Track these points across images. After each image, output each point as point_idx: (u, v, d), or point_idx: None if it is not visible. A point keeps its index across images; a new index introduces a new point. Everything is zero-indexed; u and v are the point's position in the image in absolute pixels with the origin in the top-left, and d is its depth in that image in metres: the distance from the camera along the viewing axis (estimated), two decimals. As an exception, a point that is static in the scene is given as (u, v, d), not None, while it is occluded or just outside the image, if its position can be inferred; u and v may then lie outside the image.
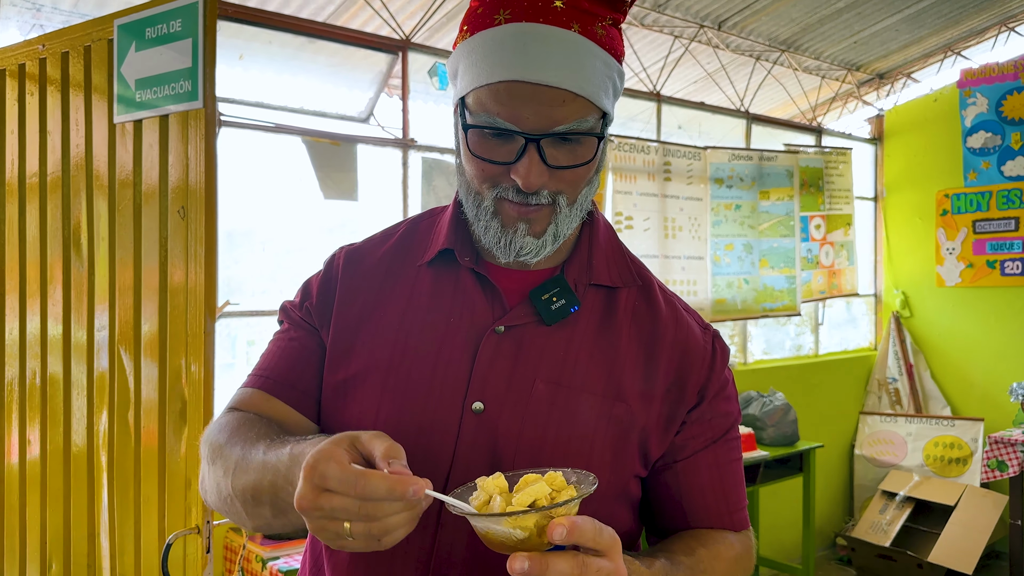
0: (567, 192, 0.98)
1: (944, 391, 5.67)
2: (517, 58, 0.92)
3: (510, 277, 1.06)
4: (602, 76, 0.96)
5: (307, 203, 3.99)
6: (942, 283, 5.59)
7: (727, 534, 1.07)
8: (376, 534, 0.74)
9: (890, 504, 5.18)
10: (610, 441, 0.99)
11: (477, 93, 0.95)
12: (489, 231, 1.00)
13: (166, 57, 2.12)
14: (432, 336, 1.02)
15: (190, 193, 2.08)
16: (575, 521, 0.73)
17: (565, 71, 0.92)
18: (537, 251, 1.00)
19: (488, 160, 0.96)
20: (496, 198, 0.98)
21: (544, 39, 0.93)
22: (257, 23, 3.27)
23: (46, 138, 2.43)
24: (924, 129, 5.75)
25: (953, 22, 5.23)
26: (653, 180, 4.40)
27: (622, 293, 1.07)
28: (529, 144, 0.93)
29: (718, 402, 1.07)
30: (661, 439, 1.03)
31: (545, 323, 1.02)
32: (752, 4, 4.55)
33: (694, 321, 1.11)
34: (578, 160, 0.96)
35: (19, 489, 2.47)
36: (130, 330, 2.21)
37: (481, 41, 0.96)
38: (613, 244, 1.12)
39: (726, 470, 1.08)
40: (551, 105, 0.92)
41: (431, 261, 1.07)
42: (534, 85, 0.92)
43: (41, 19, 3.23)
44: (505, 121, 0.93)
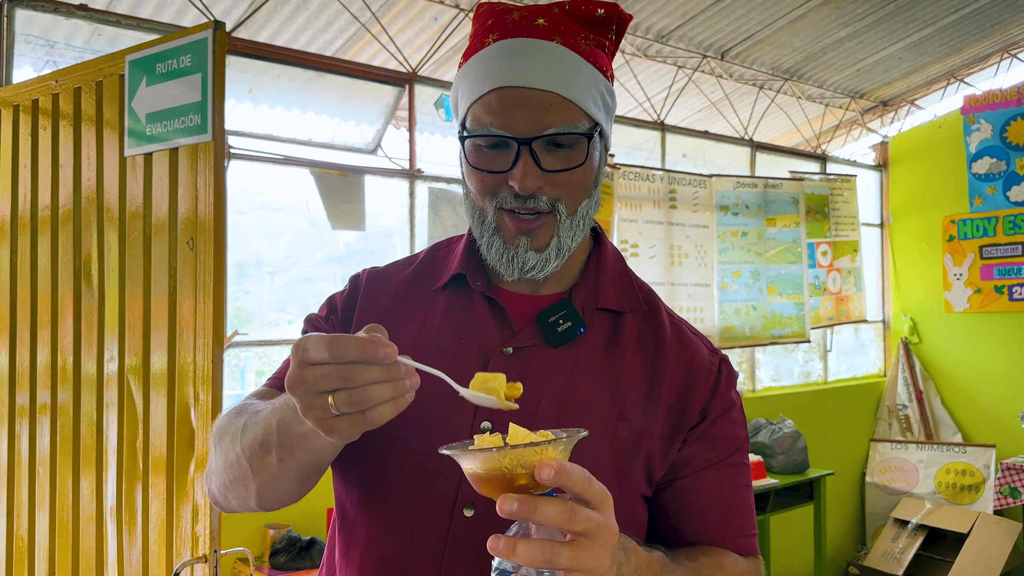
0: (565, 200, 1.00)
1: (955, 417, 5.64)
2: (503, 68, 0.98)
3: (520, 301, 1.08)
4: (588, 85, 1.00)
5: (315, 234, 4.03)
6: (950, 309, 5.57)
7: (734, 555, 1.06)
8: (359, 403, 0.75)
9: (902, 532, 5.13)
10: (614, 461, 1.00)
11: (472, 110, 1.00)
12: (492, 248, 1.03)
13: (176, 91, 2.16)
14: (442, 357, 1.04)
15: (199, 225, 2.11)
16: (563, 463, 0.72)
17: (549, 76, 0.97)
18: (541, 266, 1.02)
19: (485, 170, 1.00)
20: (497, 210, 1.01)
21: (528, 49, 0.99)
22: (267, 58, 3.33)
23: (58, 171, 2.47)
24: (929, 155, 5.77)
25: (956, 49, 5.27)
26: (658, 208, 4.42)
27: (628, 318, 1.08)
28: (521, 148, 0.97)
29: (721, 424, 1.07)
30: (663, 458, 1.03)
31: (552, 345, 1.03)
32: (755, 34, 4.61)
33: (702, 343, 1.12)
34: (571, 164, 0.99)
35: (28, 516, 2.48)
36: (139, 360, 2.23)
37: (473, 63, 1.02)
38: (621, 270, 1.14)
39: (730, 493, 1.07)
40: (539, 109, 0.97)
41: (445, 286, 1.10)
42: (520, 89, 0.97)
43: (55, 55, 3.30)
44: (497, 128, 0.97)
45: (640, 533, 1.08)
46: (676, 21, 4.34)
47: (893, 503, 5.38)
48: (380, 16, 3.65)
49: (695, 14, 4.27)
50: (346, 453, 1.00)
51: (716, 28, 4.48)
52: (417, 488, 1.00)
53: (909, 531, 5.08)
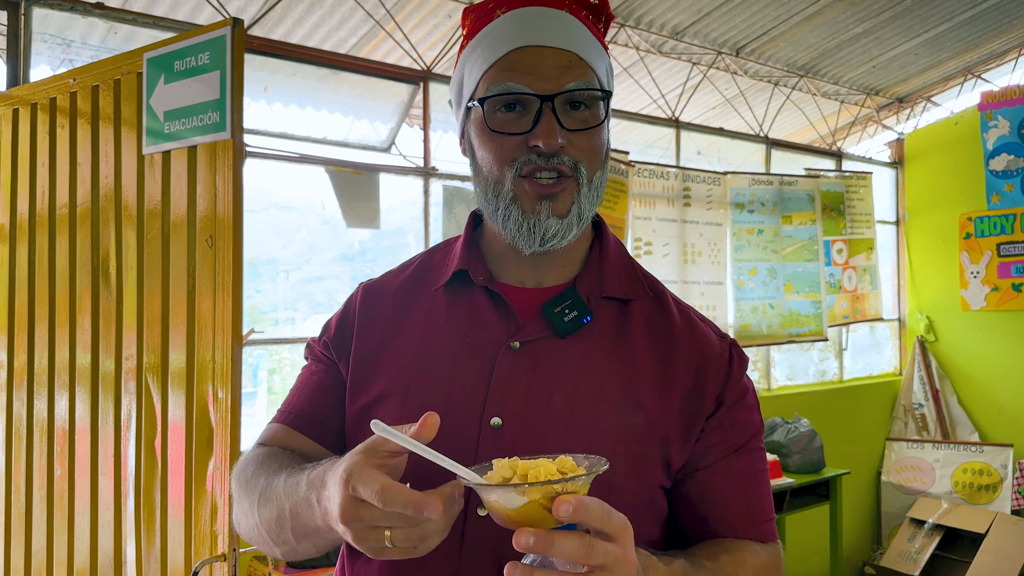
0: (585, 163, 1.00)
1: (971, 416, 5.59)
2: (520, 31, 0.99)
3: (523, 294, 1.06)
4: (596, 53, 1.01)
5: (329, 232, 4.03)
6: (967, 307, 5.53)
7: (753, 544, 1.05)
8: (414, 540, 0.78)
9: (919, 532, 5.09)
10: (631, 451, 0.98)
11: (487, 75, 0.99)
12: (510, 219, 1.00)
13: (194, 89, 2.16)
14: (449, 356, 1.03)
15: (218, 222, 2.10)
16: (581, 499, 0.72)
17: (565, 36, 0.99)
18: (563, 233, 1.00)
19: (506, 133, 0.98)
20: (516, 176, 0.99)
21: (541, 14, 1.00)
22: (282, 56, 3.32)
23: (76, 170, 2.47)
24: (945, 152, 5.72)
25: (972, 45, 5.23)
26: (672, 205, 4.40)
27: (635, 305, 1.07)
28: (544, 105, 0.96)
29: (738, 410, 1.06)
30: (682, 447, 1.02)
31: (559, 336, 1.02)
32: (770, 31, 4.58)
33: (710, 330, 1.10)
34: (588, 124, 0.99)
35: (47, 515, 2.49)
36: (157, 358, 2.23)
37: (483, 35, 1.01)
38: (624, 258, 1.13)
39: (750, 480, 1.06)
40: (559, 66, 0.97)
41: (446, 284, 1.08)
42: (540, 48, 0.97)
43: (71, 54, 3.31)
44: (517, 84, 0.97)
45: (660, 524, 1.06)
46: (691, 17, 4.32)
47: (909, 503, 5.35)
48: (394, 13, 3.64)
49: (710, 10, 4.25)
50: None
51: (731, 24, 4.45)
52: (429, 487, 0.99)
53: (926, 531, 5.05)
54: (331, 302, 4.09)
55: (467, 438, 0.98)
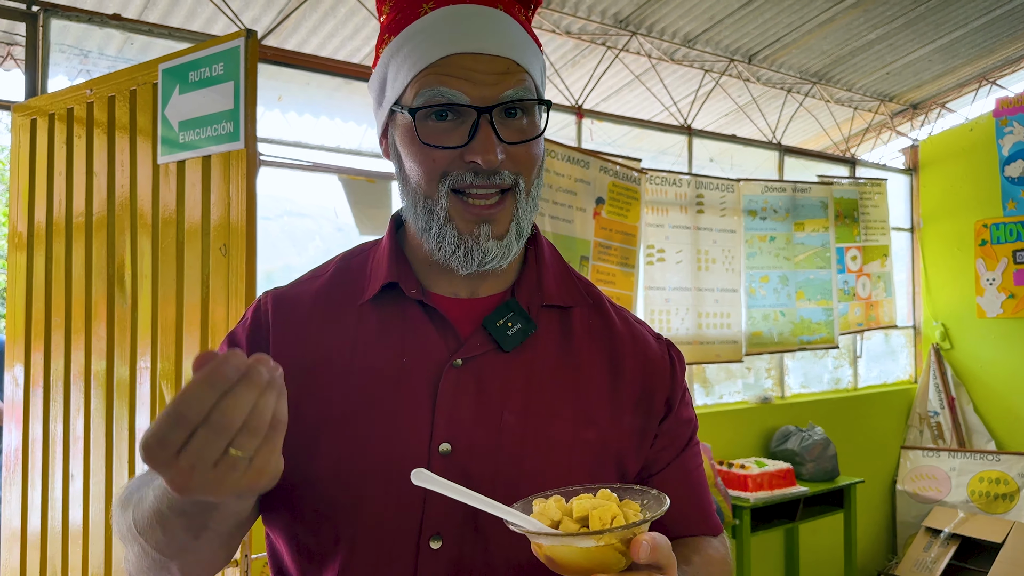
0: (524, 175, 0.94)
1: (988, 425, 5.54)
2: (453, 34, 0.90)
3: (460, 307, 0.99)
4: (532, 55, 0.95)
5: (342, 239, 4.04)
6: (983, 314, 5.48)
7: (710, 539, 1.05)
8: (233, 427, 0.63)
9: (935, 541, 5.05)
10: (586, 466, 0.95)
11: (416, 81, 0.91)
12: (445, 240, 0.93)
13: (208, 99, 2.18)
14: (386, 379, 0.94)
15: (232, 231, 2.12)
16: (656, 540, 0.72)
17: (501, 41, 0.91)
18: (502, 255, 0.94)
19: (440, 147, 0.91)
20: (450, 192, 0.92)
21: (475, 15, 0.92)
22: (296, 65, 3.35)
23: (92, 179, 2.50)
24: (960, 159, 5.69)
25: (987, 51, 5.20)
26: (685, 212, 4.40)
27: (575, 312, 1.03)
28: (481, 117, 0.89)
29: (681, 410, 1.05)
30: (636, 455, 1.00)
31: (504, 350, 0.96)
32: (782, 38, 4.57)
33: (647, 332, 1.08)
34: (527, 135, 0.93)
35: (63, 519, 2.51)
36: (172, 365, 2.25)
37: (409, 34, 0.93)
38: (559, 263, 1.07)
39: (695, 477, 1.06)
40: (495, 74, 0.90)
41: (374, 298, 0.99)
42: (475, 55, 0.90)
43: (88, 64, 3.35)
44: (452, 91, 0.89)
45: None
46: (703, 25, 4.32)
47: (925, 512, 5.30)
48: (407, 23, 3.66)
49: (722, 18, 4.25)
50: (279, 500, 0.91)
51: (743, 32, 4.45)
52: (375, 523, 0.90)
53: (942, 540, 5.00)
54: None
55: (415, 467, 0.87)
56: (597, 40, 4.23)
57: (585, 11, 4.04)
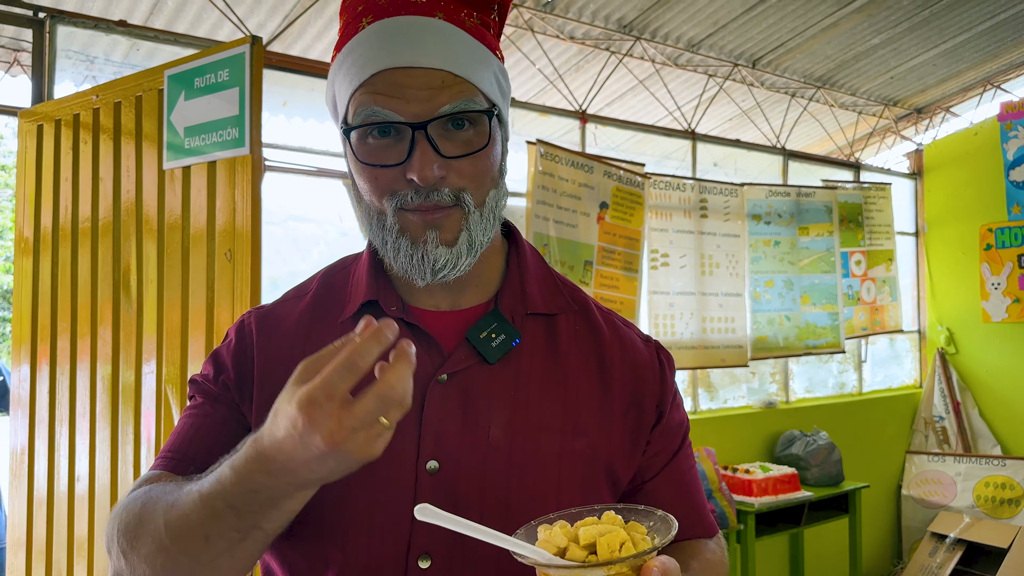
0: (471, 190, 0.91)
1: (993, 429, 5.53)
2: (385, 49, 0.88)
3: (442, 320, 0.98)
4: (479, 63, 0.91)
5: (346, 244, 4.05)
6: (988, 319, 5.47)
7: (706, 542, 1.03)
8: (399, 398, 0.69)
9: (940, 547, 5.03)
10: (577, 478, 0.93)
11: (353, 100, 0.90)
12: (400, 252, 0.92)
13: (214, 105, 2.19)
14: None
15: (237, 236, 2.13)
16: (666, 565, 0.71)
17: (436, 53, 0.88)
18: (453, 263, 0.91)
19: (379, 165, 0.89)
20: (397, 209, 0.90)
21: (409, 28, 0.89)
22: (301, 71, 3.36)
23: (98, 184, 2.51)
24: (965, 163, 5.68)
25: (991, 55, 5.20)
26: (689, 217, 4.40)
27: (561, 319, 1.01)
28: (416, 133, 0.86)
29: (673, 413, 1.03)
30: (628, 463, 0.99)
31: (488, 362, 0.94)
32: (786, 42, 4.58)
33: (635, 335, 1.05)
34: (473, 147, 0.90)
35: (68, 525, 2.52)
36: (177, 370, 2.26)
37: (347, 51, 0.91)
38: (543, 268, 1.05)
39: (689, 479, 1.05)
40: (430, 88, 0.87)
41: (355, 316, 0.97)
42: (407, 70, 0.87)
43: (94, 70, 3.37)
44: (385, 110, 0.87)
45: None
46: (707, 30, 4.33)
47: (930, 517, 5.28)
48: (412, 28, 3.68)
49: (726, 23, 4.26)
50: None
51: (747, 36, 4.46)
52: (363, 544, 0.89)
53: (947, 546, 4.99)
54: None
55: (403, 487, 0.89)
56: (601, 45, 4.23)
57: (589, 16, 4.05)
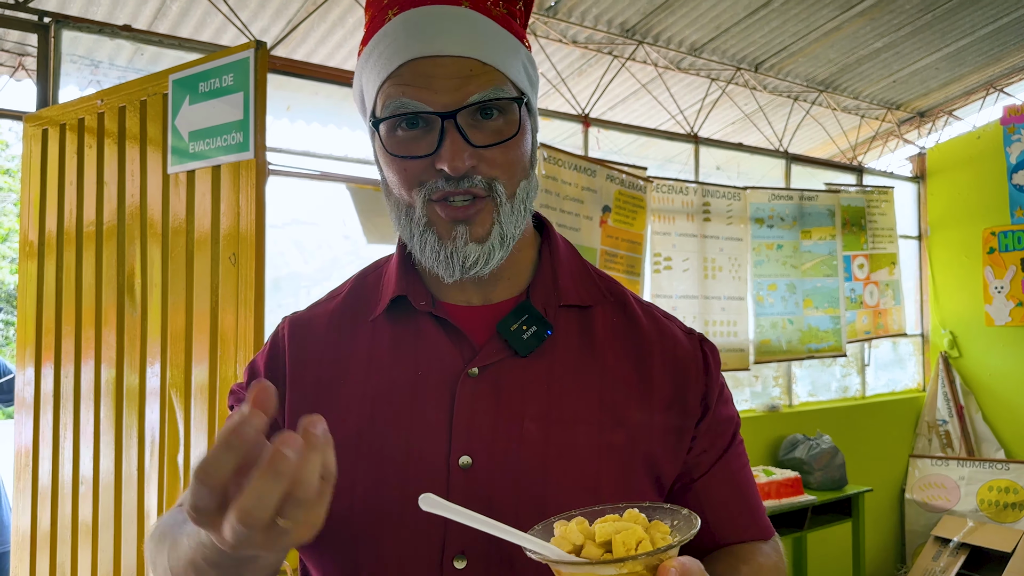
0: (502, 179, 0.89)
1: (997, 433, 5.52)
2: (412, 39, 0.87)
3: (472, 315, 0.96)
4: (507, 50, 0.90)
5: (349, 247, 4.06)
6: (991, 322, 5.47)
7: (760, 545, 0.99)
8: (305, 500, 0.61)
9: (944, 551, 5.02)
10: (616, 472, 0.90)
11: (382, 92, 0.89)
12: (427, 247, 0.91)
13: (218, 110, 2.20)
14: (401, 394, 0.92)
15: (241, 240, 2.14)
16: (685, 565, 0.68)
17: (464, 41, 0.87)
18: (485, 259, 0.90)
19: (409, 157, 0.88)
20: (427, 202, 0.89)
21: (435, 16, 0.88)
22: (304, 75, 3.37)
23: (103, 188, 2.52)
24: (968, 166, 5.68)
25: (994, 59, 5.20)
26: (692, 221, 4.40)
27: (596, 311, 0.99)
28: (446, 123, 0.86)
29: (720, 408, 0.99)
30: (672, 460, 0.95)
31: (520, 355, 0.92)
32: (789, 46, 4.58)
33: (677, 327, 1.02)
34: (503, 136, 0.89)
35: (72, 530, 2.52)
36: (181, 373, 2.27)
37: (374, 43, 0.90)
38: (576, 260, 1.04)
39: (740, 478, 1.01)
40: (459, 77, 0.86)
41: (387, 313, 0.97)
42: (435, 59, 0.86)
43: (99, 75, 3.38)
44: (414, 101, 0.86)
45: None
46: (709, 34, 4.33)
47: (934, 521, 5.27)
48: (415, 33, 3.69)
49: (728, 27, 4.26)
50: None
51: (750, 41, 4.46)
52: (397, 544, 0.88)
53: (951, 550, 4.98)
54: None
55: (435, 483, 0.87)
56: (604, 49, 4.24)
57: (592, 20, 4.05)
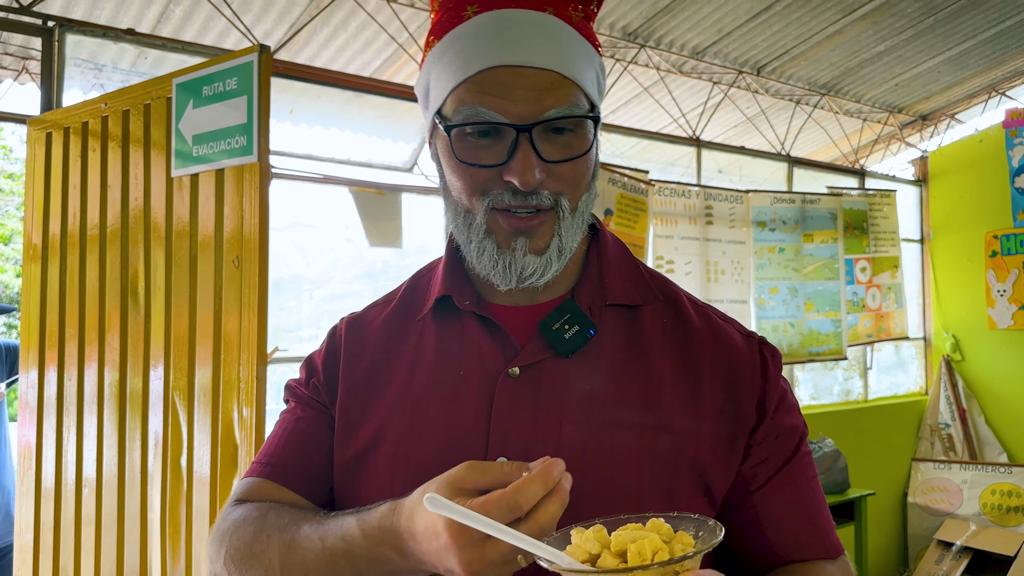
0: (568, 194, 0.88)
1: (999, 437, 5.51)
2: (494, 44, 0.85)
3: (517, 314, 0.95)
4: (584, 62, 0.89)
5: (351, 250, 4.07)
6: (994, 326, 5.46)
7: (825, 564, 0.93)
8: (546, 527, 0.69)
9: (947, 554, 5.01)
10: (659, 479, 0.87)
11: (455, 94, 0.87)
12: (484, 254, 0.90)
13: (222, 114, 2.21)
14: (442, 393, 0.92)
15: (244, 243, 2.14)
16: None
17: (546, 52, 0.85)
18: (542, 271, 0.89)
19: (476, 165, 0.86)
20: (489, 210, 0.88)
21: (520, 22, 0.86)
22: (307, 79, 3.38)
23: (107, 192, 2.53)
24: (970, 170, 5.68)
25: (996, 63, 5.20)
26: (694, 224, 4.40)
27: (645, 311, 0.96)
28: (520, 136, 0.84)
29: (781, 416, 0.94)
30: (724, 469, 0.91)
31: (561, 355, 0.90)
32: (791, 50, 4.58)
33: (734, 330, 0.98)
34: (574, 152, 0.87)
35: (75, 532, 2.52)
36: (184, 376, 2.27)
37: (451, 40, 0.88)
38: (626, 258, 1.01)
39: (806, 491, 0.95)
40: (538, 90, 0.84)
41: (433, 313, 0.97)
42: (516, 68, 0.84)
43: (102, 78, 3.38)
44: (490, 111, 0.84)
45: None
46: (711, 38, 4.34)
47: (936, 524, 5.27)
48: (417, 36, 3.69)
49: (731, 30, 4.27)
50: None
51: (752, 44, 4.47)
52: None
53: (954, 553, 4.97)
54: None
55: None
56: (606, 53, 4.25)
57: (594, 24, 4.06)
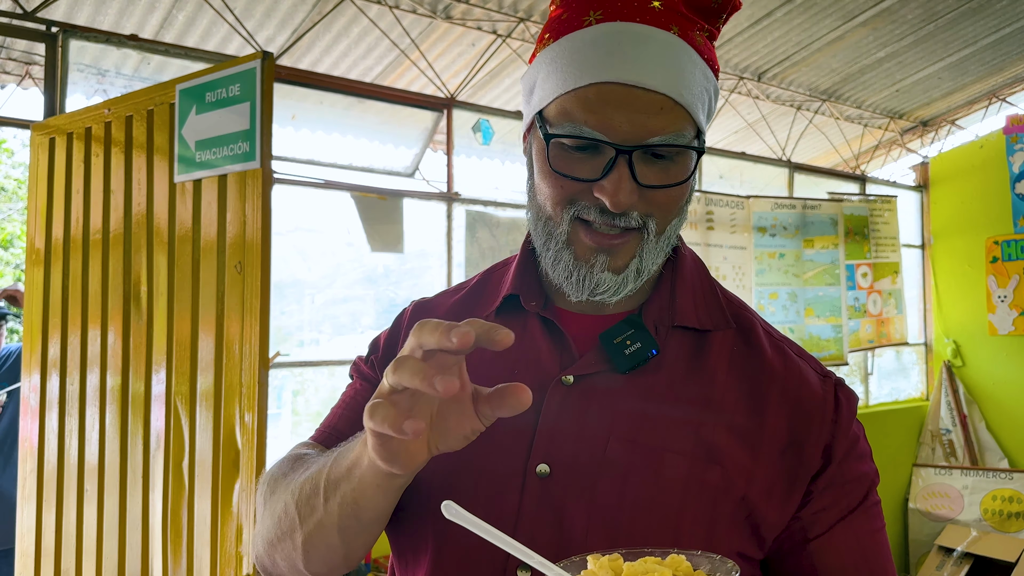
0: (657, 217, 0.86)
1: (1000, 442, 5.51)
2: (611, 58, 0.82)
3: (582, 322, 0.93)
4: (700, 87, 0.86)
5: (353, 254, 4.08)
6: (994, 331, 5.46)
7: None
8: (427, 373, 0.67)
9: (947, 560, 5.01)
10: (702, 512, 0.83)
11: (561, 101, 0.84)
12: (560, 263, 0.88)
13: (225, 119, 2.22)
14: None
15: (246, 248, 2.15)
16: None
17: (664, 75, 0.82)
18: (616, 289, 0.87)
19: (569, 177, 0.84)
20: (574, 220, 0.86)
21: (642, 39, 0.82)
22: (309, 84, 3.39)
23: (109, 197, 2.54)
24: (971, 176, 5.69)
25: (997, 69, 5.21)
26: (696, 229, 4.41)
27: (715, 337, 0.92)
28: (619, 157, 0.81)
29: (850, 463, 0.89)
30: (779, 511, 0.86)
31: (619, 371, 0.87)
32: (792, 56, 4.60)
33: (810, 367, 0.93)
34: (671, 179, 0.84)
35: (76, 534, 2.53)
36: (186, 381, 2.28)
37: (568, 44, 0.85)
38: (703, 281, 0.97)
39: (869, 544, 0.90)
40: (647, 113, 0.81)
41: (498, 309, 0.96)
42: (629, 88, 0.81)
43: (105, 83, 3.40)
44: (593, 130, 0.81)
45: None
46: (712, 44, 4.35)
47: (937, 530, 5.26)
48: (419, 42, 3.71)
49: (731, 36, 4.28)
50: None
51: (753, 50, 4.48)
52: (461, 539, 0.84)
53: (955, 559, 4.96)
54: (355, 324, 4.14)
55: (510, 487, 0.85)
56: (607, 58, 4.26)
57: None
